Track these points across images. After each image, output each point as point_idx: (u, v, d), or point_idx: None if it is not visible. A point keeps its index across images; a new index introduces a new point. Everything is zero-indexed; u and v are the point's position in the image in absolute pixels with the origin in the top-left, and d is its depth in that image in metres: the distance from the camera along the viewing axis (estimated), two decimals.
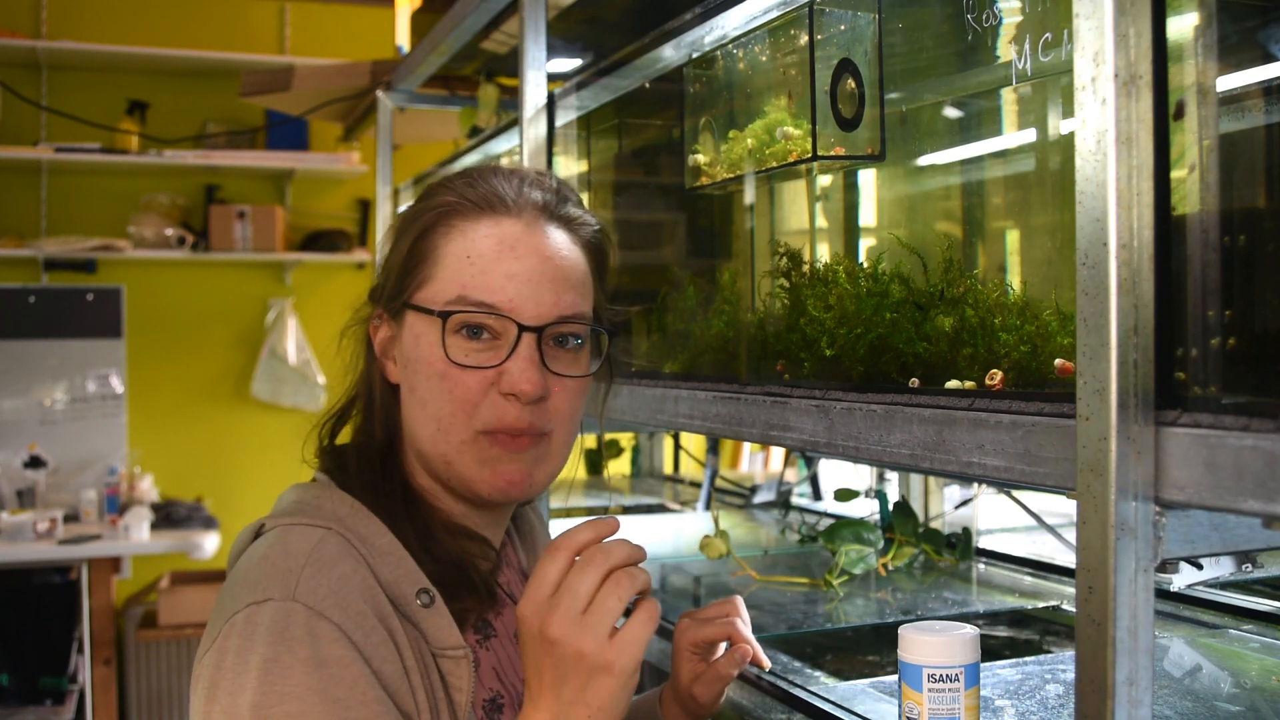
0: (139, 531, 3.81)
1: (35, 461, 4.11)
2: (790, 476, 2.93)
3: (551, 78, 1.90)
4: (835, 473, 2.91)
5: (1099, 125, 0.74)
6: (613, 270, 1.16)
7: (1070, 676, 1.34)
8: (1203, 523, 0.76)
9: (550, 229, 1.06)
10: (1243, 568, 0.88)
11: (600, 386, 1.19)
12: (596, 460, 3.44)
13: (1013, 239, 1.17)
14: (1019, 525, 2.21)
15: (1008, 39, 1.02)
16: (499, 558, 1.15)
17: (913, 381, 1.05)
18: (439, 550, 1.03)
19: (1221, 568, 0.86)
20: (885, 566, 2.01)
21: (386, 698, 0.92)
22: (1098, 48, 0.74)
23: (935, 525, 2.18)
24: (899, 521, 2.08)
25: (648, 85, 1.68)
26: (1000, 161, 1.19)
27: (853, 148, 1.23)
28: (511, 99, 2.70)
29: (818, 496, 2.92)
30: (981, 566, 2.05)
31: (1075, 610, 0.84)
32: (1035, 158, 1.12)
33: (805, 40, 1.23)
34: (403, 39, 3.24)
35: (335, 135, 4.44)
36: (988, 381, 0.96)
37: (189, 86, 4.63)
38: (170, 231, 4.40)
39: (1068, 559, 1.94)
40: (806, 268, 1.29)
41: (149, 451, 4.49)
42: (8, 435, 4.25)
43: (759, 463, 4.06)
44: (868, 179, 1.34)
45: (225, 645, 0.91)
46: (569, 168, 1.91)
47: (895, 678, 1.04)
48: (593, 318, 1.09)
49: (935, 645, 1.00)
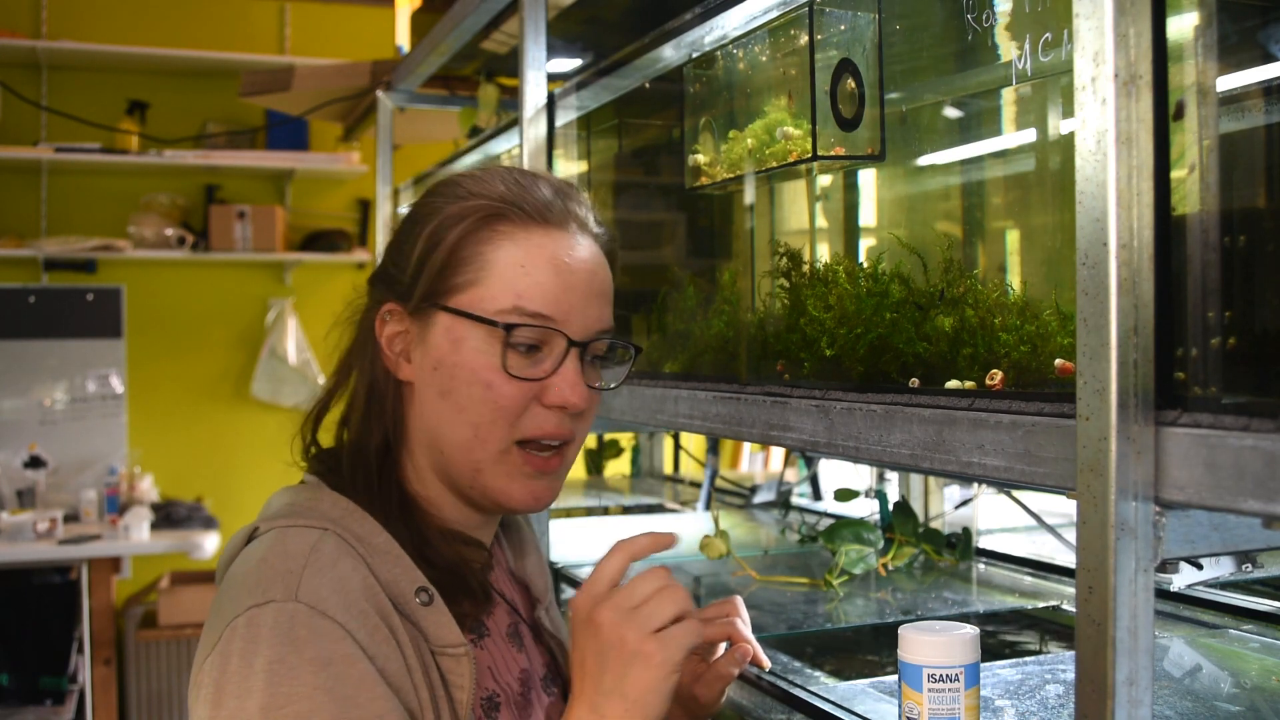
0: (139, 531, 3.81)
1: (35, 461, 4.11)
2: (790, 476, 2.93)
3: (551, 78, 1.90)
4: (835, 473, 2.91)
5: (1099, 125, 0.74)
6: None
7: (1070, 676, 1.34)
8: (1203, 523, 0.76)
9: (586, 240, 1.07)
10: (1243, 568, 0.88)
11: None
12: (597, 460, 3.44)
13: (1013, 239, 1.17)
14: (1019, 525, 2.21)
15: (1008, 39, 1.02)
16: (491, 558, 1.15)
17: (913, 381, 1.05)
18: (435, 556, 1.03)
19: (1221, 568, 0.86)
20: (885, 566, 2.01)
21: (393, 694, 0.92)
22: (1098, 48, 0.74)
23: (935, 525, 2.18)
24: (899, 521, 2.08)
25: (648, 85, 1.68)
26: (1000, 161, 1.19)
27: (853, 148, 1.23)
28: (511, 99, 2.70)
29: (818, 496, 2.92)
30: (981, 566, 2.05)
31: (1075, 610, 0.84)
32: (1035, 158, 1.12)
33: (805, 40, 1.23)
34: (403, 39, 3.24)
35: (335, 135, 4.44)
36: (988, 381, 0.96)
37: (189, 86, 4.63)
38: (170, 231, 4.40)
39: (1068, 559, 1.94)
40: (806, 268, 1.29)
41: (149, 451, 4.49)
42: (8, 435, 4.25)
43: (759, 463, 4.06)
44: (868, 179, 1.34)
45: (228, 649, 0.90)
46: (569, 168, 1.91)
47: (895, 678, 1.04)
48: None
49: (935, 645, 1.00)
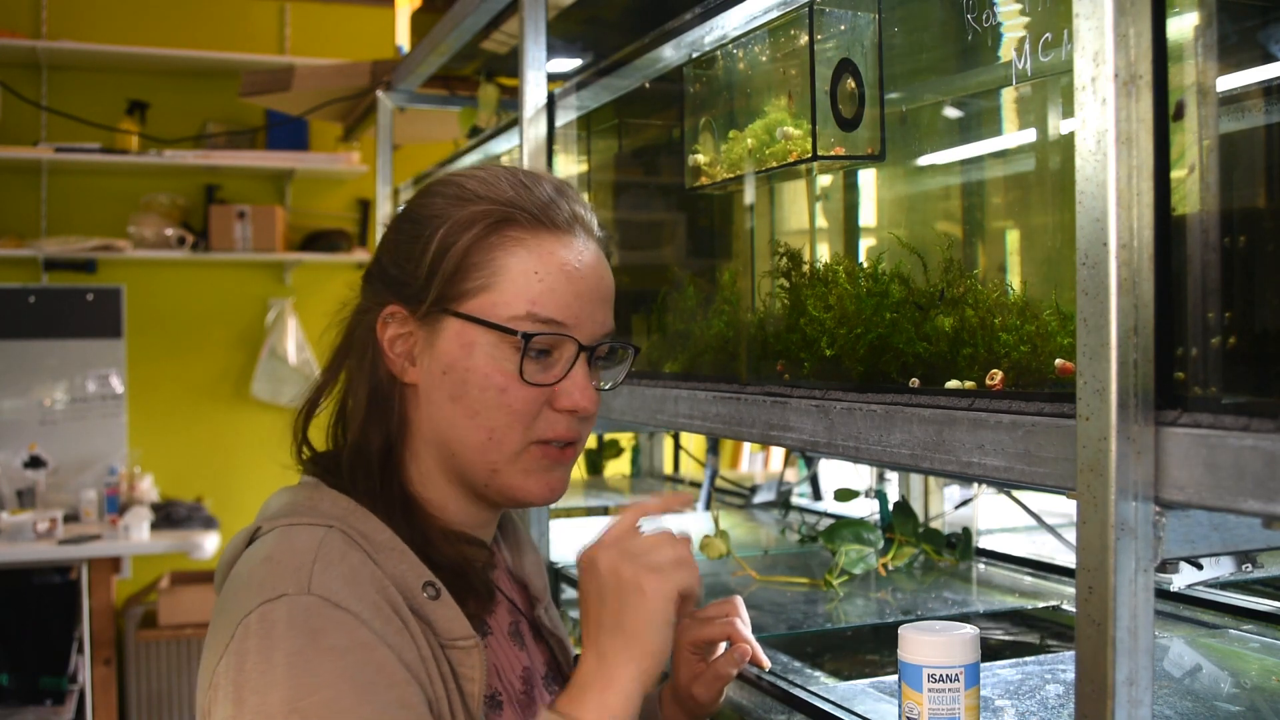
0: (139, 531, 3.81)
1: (35, 461, 4.11)
2: (790, 476, 2.93)
3: (551, 78, 1.90)
4: (835, 473, 2.91)
5: (1099, 125, 0.74)
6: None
7: (1070, 676, 1.34)
8: (1203, 523, 0.76)
9: (592, 244, 1.08)
10: (1243, 568, 0.88)
11: None
12: (597, 460, 3.44)
13: (1013, 239, 1.17)
14: (1019, 525, 2.21)
15: (1008, 39, 1.02)
16: (492, 557, 1.15)
17: (913, 381, 1.05)
18: (438, 556, 1.03)
19: (1221, 568, 0.86)
20: (885, 566, 2.01)
21: (413, 680, 0.92)
22: (1098, 48, 0.74)
23: (935, 525, 2.18)
24: (899, 521, 2.08)
25: (648, 85, 1.68)
26: (1000, 161, 1.19)
27: (853, 148, 1.23)
28: (511, 99, 2.70)
29: (818, 496, 2.91)
30: (981, 566, 2.05)
31: (1075, 610, 0.84)
32: (1035, 158, 1.12)
33: (805, 40, 1.23)
34: (403, 39, 3.24)
35: (335, 135, 4.44)
36: (988, 381, 0.96)
37: (189, 86, 4.63)
38: (170, 231, 4.40)
39: (1068, 559, 1.94)
40: (806, 268, 1.29)
41: (149, 451, 4.49)
42: (8, 435, 4.25)
43: (759, 463, 4.06)
44: (868, 179, 1.34)
45: (244, 647, 0.89)
46: (569, 168, 1.91)
47: (895, 678, 1.04)
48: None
49: (935, 645, 1.00)
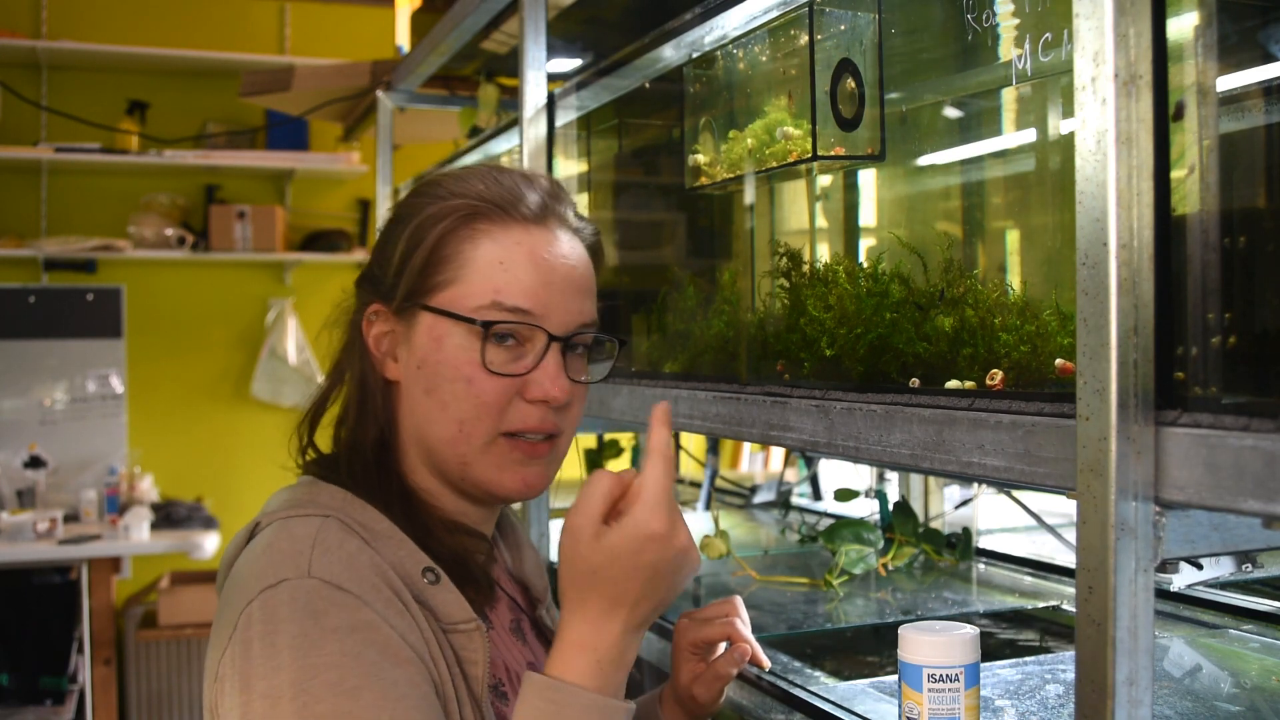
0: (139, 531, 3.81)
1: (35, 461, 4.11)
2: (790, 476, 2.93)
3: (551, 78, 1.90)
4: (835, 473, 2.91)
5: (1099, 125, 0.74)
6: (601, 273, 1.17)
7: (1070, 676, 1.34)
8: (1203, 523, 0.76)
9: (565, 235, 1.08)
10: (1243, 568, 0.88)
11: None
12: (596, 460, 3.44)
13: (1013, 239, 1.17)
14: (1019, 525, 2.21)
15: (1008, 39, 1.02)
16: (491, 552, 1.15)
17: (913, 381, 1.05)
18: (437, 546, 1.03)
19: (1221, 568, 0.86)
20: (885, 566, 2.01)
21: (418, 659, 0.92)
22: (1098, 48, 0.74)
23: (935, 525, 2.18)
24: (899, 521, 2.08)
25: (648, 85, 1.68)
26: (1000, 161, 1.19)
27: (853, 148, 1.23)
28: (511, 99, 2.70)
29: (818, 496, 2.92)
30: (981, 566, 2.05)
31: (1075, 610, 0.84)
32: (1035, 158, 1.12)
33: (805, 40, 1.23)
34: (403, 39, 3.24)
35: (335, 135, 4.44)
36: (988, 381, 0.96)
37: (189, 86, 4.63)
38: (170, 231, 4.40)
39: (1068, 559, 1.94)
40: (806, 268, 1.29)
41: (149, 451, 4.49)
42: (8, 435, 4.25)
43: (759, 463, 4.06)
44: (868, 179, 1.34)
45: (248, 635, 0.90)
46: (569, 168, 1.91)
47: (895, 678, 1.04)
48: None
49: (935, 645, 1.00)
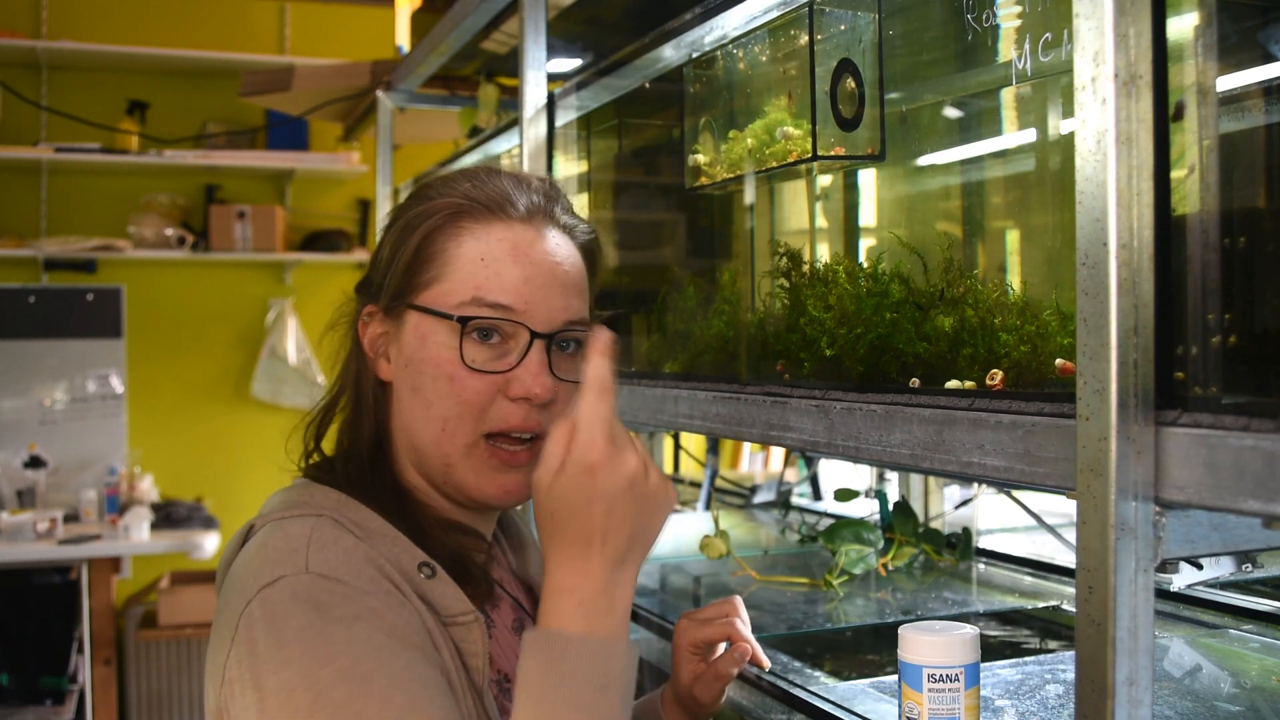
0: (139, 531, 3.81)
1: (35, 461, 4.11)
2: (790, 476, 2.93)
3: (551, 78, 1.90)
4: (835, 473, 2.91)
5: (1099, 125, 0.74)
6: (601, 273, 1.17)
7: (1070, 676, 1.34)
8: (1203, 523, 0.76)
9: (554, 233, 1.08)
10: (1243, 568, 0.88)
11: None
12: None
13: (1013, 239, 1.17)
14: (1019, 525, 2.21)
15: (1008, 39, 1.02)
16: (490, 552, 1.15)
17: (913, 381, 1.05)
18: (434, 545, 1.03)
19: (1221, 568, 0.86)
20: (885, 566, 2.01)
21: (424, 644, 0.92)
22: (1098, 48, 0.74)
23: (935, 525, 2.18)
24: (899, 521, 2.08)
25: (648, 85, 1.68)
26: (1000, 161, 1.19)
27: (853, 148, 1.23)
28: (511, 99, 2.70)
29: (818, 496, 2.92)
30: (981, 566, 2.05)
31: (1075, 610, 0.84)
32: (1035, 158, 1.12)
33: (805, 40, 1.23)
34: (403, 39, 3.24)
35: (335, 135, 4.44)
36: (988, 381, 0.96)
37: (189, 86, 4.63)
38: (170, 231, 4.40)
39: (1068, 559, 1.94)
40: (806, 268, 1.29)
41: (149, 451, 4.49)
42: (8, 435, 4.25)
43: (759, 463, 4.06)
44: (868, 179, 1.34)
45: (251, 634, 0.89)
46: (569, 168, 1.91)
47: (895, 678, 1.04)
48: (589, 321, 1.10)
49: (935, 645, 1.00)
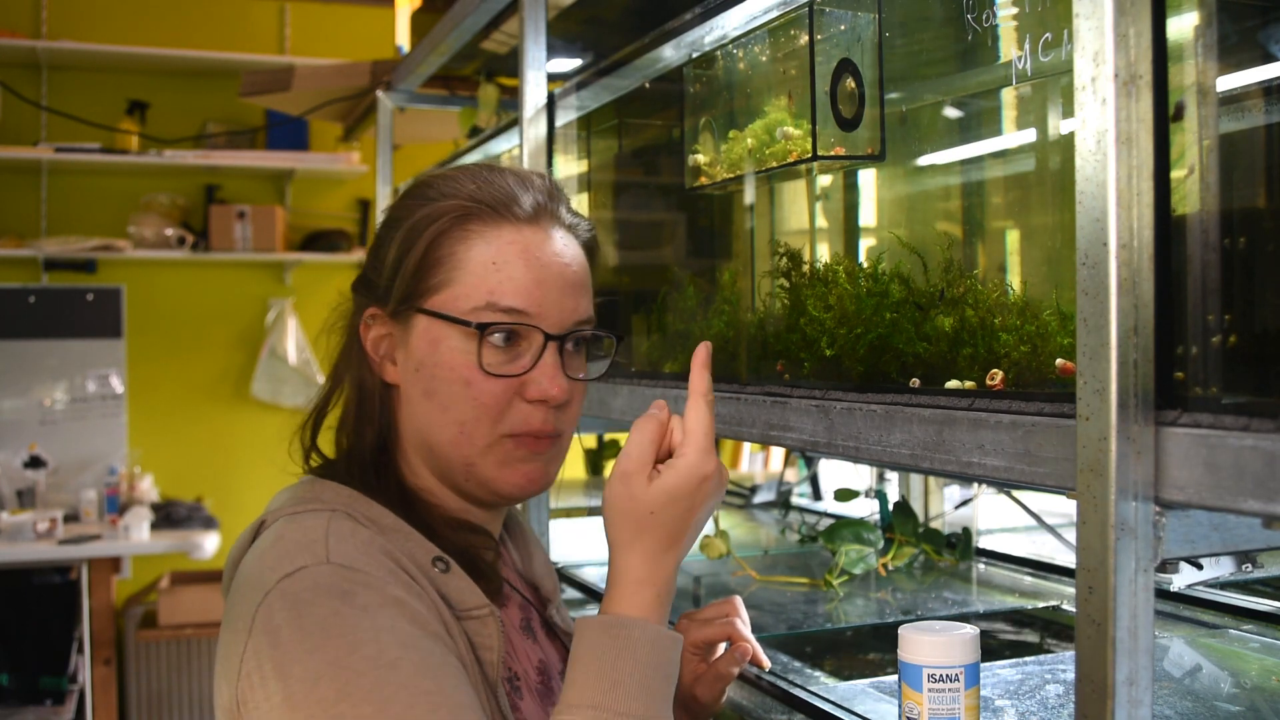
0: (139, 531, 3.81)
1: (35, 461, 4.11)
2: (790, 476, 2.93)
3: (551, 78, 1.90)
4: (835, 473, 2.91)
5: (1099, 125, 0.74)
6: (601, 272, 1.17)
7: (1070, 676, 1.34)
8: (1203, 523, 0.76)
9: (560, 233, 1.08)
10: (1243, 568, 0.88)
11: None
12: (596, 460, 3.44)
13: (1013, 239, 1.17)
14: (1019, 525, 2.21)
15: (1008, 39, 1.02)
16: (498, 550, 1.15)
17: (913, 381, 1.05)
18: (443, 544, 1.03)
19: (1221, 568, 0.86)
20: (885, 566, 2.01)
21: (443, 634, 0.93)
22: (1098, 48, 0.74)
23: (935, 525, 2.18)
24: (899, 521, 2.08)
25: (648, 85, 1.68)
26: (1000, 161, 1.19)
27: (853, 148, 1.23)
28: (511, 99, 2.70)
29: (818, 496, 2.92)
30: (981, 566, 2.05)
31: (1075, 610, 0.84)
32: (1035, 158, 1.12)
33: (805, 40, 1.23)
34: (403, 39, 3.24)
35: (335, 135, 4.44)
36: (988, 381, 0.96)
37: (189, 86, 4.63)
38: (170, 231, 4.40)
39: (1068, 559, 1.94)
40: (806, 268, 1.29)
41: (149, 451, 4.49)
42: (8, 435, 4.25)
43: (759, 463, 4.06)
44: (868, 179, 1.34)
45: (272, 624, 0.89)
46: (569, 168, 1.91)
47: (895, 678, 1.04)
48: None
49: (935, 645, 1.00)
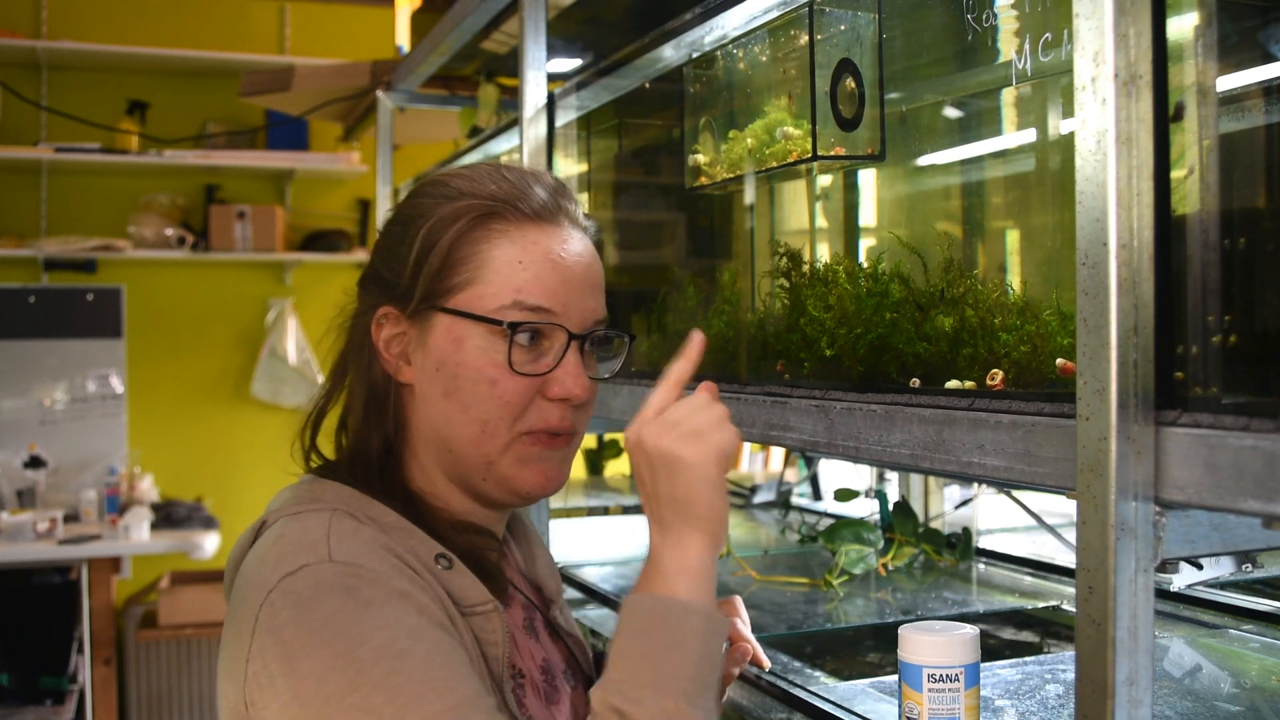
0: (139, 531, 3.81)
1: (35, 461, 4.11)
2: (790, 476, 2.93)
3: (551, 78, 1.90)
4: (835, 473, 2.91)
5: (1099, 125, 0.74)
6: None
7: (1070, 676, 1.34)
8: (1203, 523, 0.76)
9: (576, 233, 1.08)
10: (1243, 568, 0.88)
11: None
12: (597, 460, 3.44)
13: (1013, 239, 1.17)
14: (1019, 525, 2.21)
15: (1008, 39, 1.02)
16: (502, 550, 1.15)
17: (913, 381, 1.05)
18: (447, 544, 1.03)
19: (1221, 568, 0.86)
20: (885, 566, 2.01)
21: (449, 627, 0.93)
22: (1098, 48, 0.74)
23: (935, 525, 2.18)
24: (899, 521, 2.08)
25: (648, 85, 1.68)
26: (1000, 161, 1.19)
27: (853, 148, 1.23)
28: (511, 99, 2.70)
29: (818, 496, 2.92)
30: (981, 566, 2.05)
31: (1075, 610, 0.84)
32: (1035, 158, 1.12)
33: (805, 40, 1.23)
34: (403, 39, 3.24)
35: (335, 135, 4.44)
36: (988, 381, 0.96)
37: (189, 86, 4.63)
38: (170, 231, 4.40)
39: (1068, 559, 1.94)
40: (806, 268, 1.29)
41: (149, 451, 4.48)
42: (8, 435, 4.25)
43: (759, 463, 4.06)
44: (868, 179, 1.34)
45: (276, 623, 0.89)
46: (569, 168, 1.91)
47: (895, 678, 1.04)
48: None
49: (935, 645, 1.00)
